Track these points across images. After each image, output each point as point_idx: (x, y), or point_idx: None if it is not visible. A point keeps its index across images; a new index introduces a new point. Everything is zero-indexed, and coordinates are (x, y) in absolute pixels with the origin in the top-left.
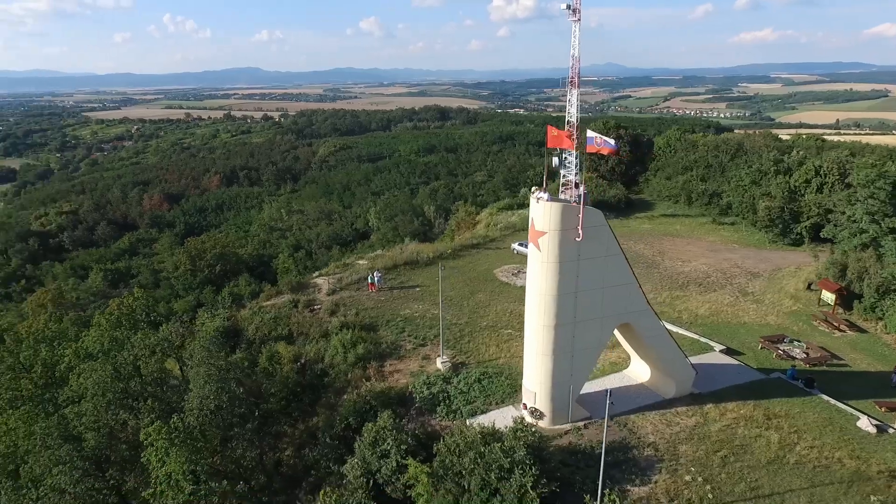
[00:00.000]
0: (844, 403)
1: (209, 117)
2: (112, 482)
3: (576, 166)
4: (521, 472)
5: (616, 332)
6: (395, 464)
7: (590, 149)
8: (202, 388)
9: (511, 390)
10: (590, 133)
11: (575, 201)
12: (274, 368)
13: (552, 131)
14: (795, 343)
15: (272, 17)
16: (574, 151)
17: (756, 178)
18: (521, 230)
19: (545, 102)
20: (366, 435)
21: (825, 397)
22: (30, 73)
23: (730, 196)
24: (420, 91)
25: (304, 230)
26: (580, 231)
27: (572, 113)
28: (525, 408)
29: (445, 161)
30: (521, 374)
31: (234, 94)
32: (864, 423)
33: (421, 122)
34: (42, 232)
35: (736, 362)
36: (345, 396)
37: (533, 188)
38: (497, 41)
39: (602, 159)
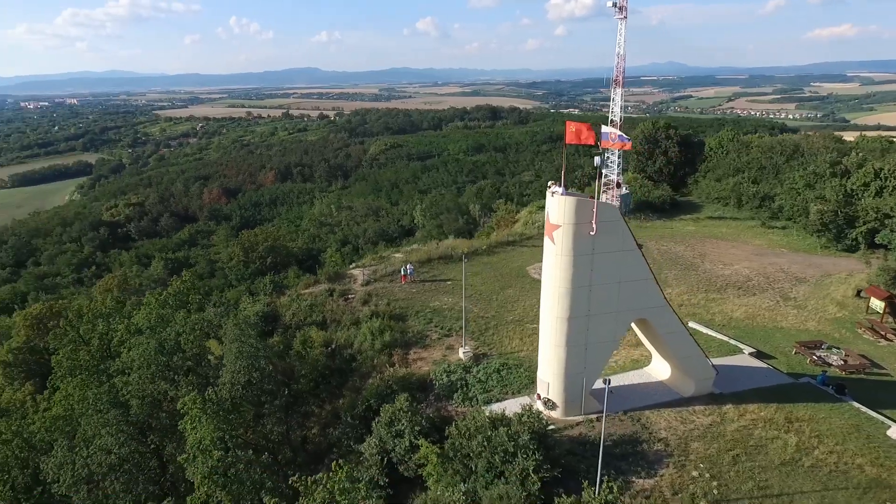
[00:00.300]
0: (878, 412)
1: (268, 116)
2: (153, 447)
3: (618, 166)
4: (525, 456)
5: (637, 329)
6: (408, 443)
7: (604, 144)
8: (233, 363)
9: (529, 381)
10: (604, 129)
11: (626, 191)
12: (306, 352)
13: (570, 126)
14: (834, 350)
15: (331, 18)
16: (617, 151)
17: (811, 181)
18: None
19: (601, 102)
20: (383, 415)
21: (856, 404)
22: (108, 73)
23: (782, 199)
24: (474, 91)
25: (352, 226)
26: (594, 225)
27: (616, 112)
28: (539, 398)
29: (493, 160)
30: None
31: (294, 93)
32: (894, 432)
33: (472, 121)
34: (112, 222)
35: (765, 366)
36: (369, 380)
37: (550, 182)
38: (554, 40)
39: (649, 160)
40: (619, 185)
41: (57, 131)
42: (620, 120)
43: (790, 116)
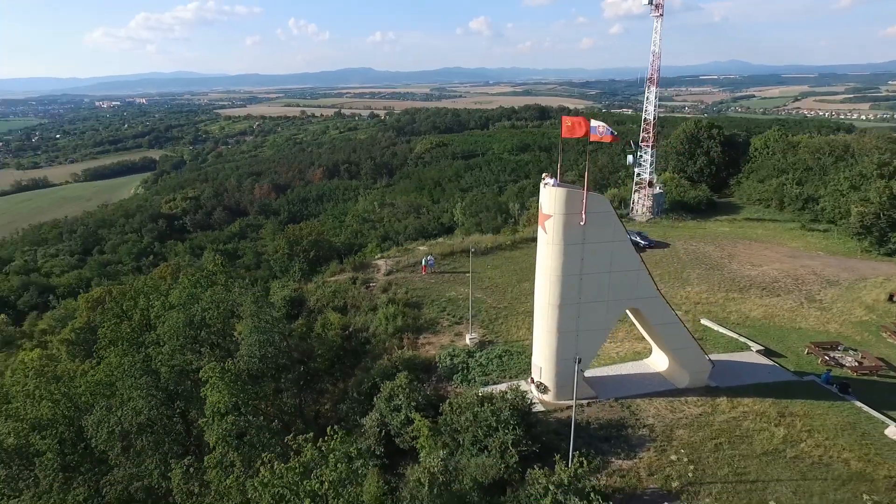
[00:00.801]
0: (882, 412)
1: (321, 115)
2: (179, 411)
3: (651, 165)
4: (505, 430)
5: (635, 321)
6: (404, 417)
7: (593, 138)
8: (249, 337)
9: (527, 367)
10: (593, 123)
11: (659, 190)
12: (324, 333)
13: (566, 122)
14: (850, 351)
15: (386, 18)
16: (650, 150)
17: (856, 182)
18: None
19: (657, 102)
20: (383, 391)
21: (859, 404)
22: (175, 74)
23: (826, 201)
24: (525, 90)
25: (394, 222)
26: (583, 215)
27: (649, 110)
28: (532, 381)
29: (537, 159)
30: None
31: (347, 92)
32: (892, 431)
33: (519, 120)
34: (169, 214)
35: (770, 363)
36: (379, 361)
37: (543, 174)
38: (609, 38)
39: (690, 160)
40: (651, 185)
41: (126, 129)
42: (654, 119)
43: (862, 117)
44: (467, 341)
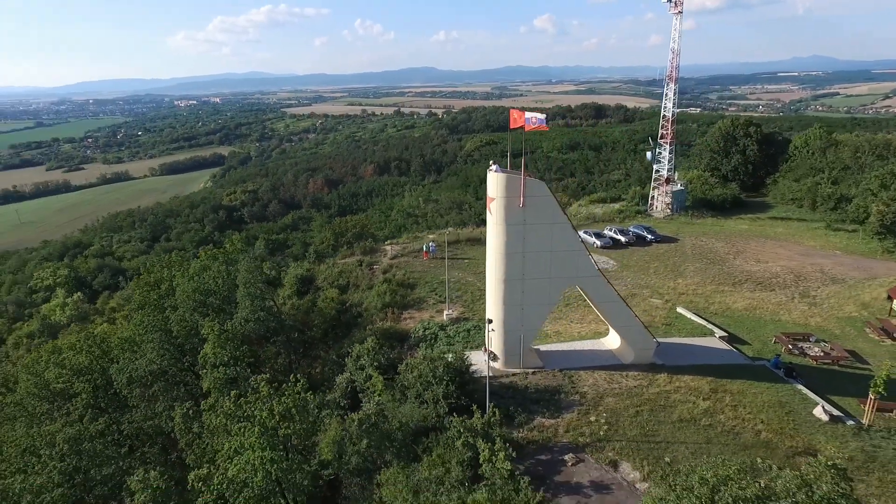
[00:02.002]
0: (822, 396)
1: (381, 113)
2: (187, 364)
3: (669, 161)
4: (438, 385)
5: (589, 302)
6: (366, 375)
7: (528, 128)
8: (243, 300)
9: None
10: (527, 114)
11: (680, 187)
12: (323, 306)
13: (513, 114)
14: (821, 343)
15: (450, 18)
16: (669, 147)
17: (886, 181)
18: (600, 221)
19: (728, 101)
20: (352, 353)
21: (799, 386)
22: (247, 74)
23: (856, 201)
24: (588, 89)
25: (436, 218)
26: (521, 199)
27: (668, 107)
28: (485, 350)
29: (584, 158)
30: None
31: (409, 91)
32: (819, 411)
33: (574, 119)
34: (229, 206)
35: (728, 348)
36: (361, 331)
37: (491, 162)
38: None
39: (725, 158)
40: (668, 181)
41: (200, 127)
42: (673, 115)
43: None
44: (444, 317)
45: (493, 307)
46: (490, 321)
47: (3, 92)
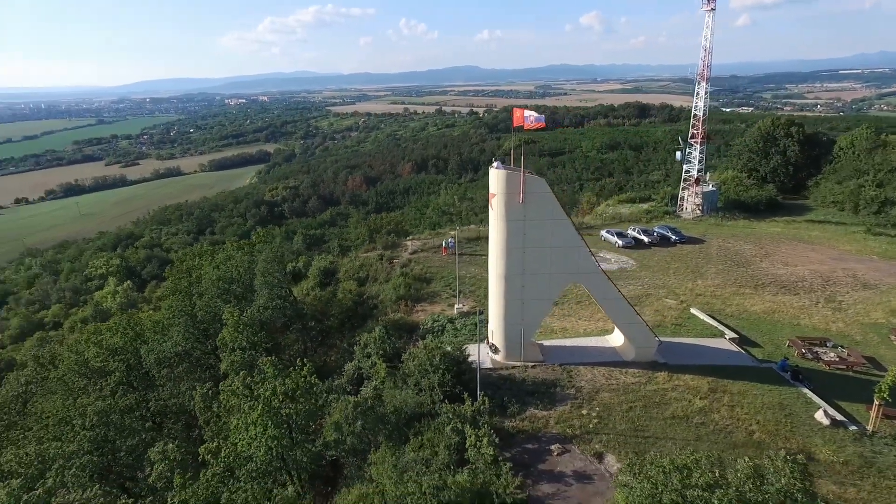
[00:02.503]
0: (828, 401)
1: (423, 112)
2: (210, 347)
3: (699, 161)
4: (434, 373)
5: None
6: (371, 363)
7: (527, 126)
8: (261, 289)
9: None
10: (525, 112)
11: (712, 188)
12: (343, 298)
13: (516, 113)
14: (839, 348)
15: (495, 17)
16: (699, 146)
17: None
18: (626, 221)
19: (784, 100)
20: (360, 342)
21: (805, 390)
22: (295, 73)
23: None
24: (634, 87)
25: (470, 216)
26: (521, 195)
27: (699, 106)
28: (487, 343)
29: (624, 158)
30: None
31: (451, 90)
32: (820, 415)
33: (616, 118)
34: (271, 201)
35: (736, 349)
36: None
37: (493, 158)
38: (733, 32)
39: (764, 158)
40: (698, 182)
41: (248, 124)
42: (704, 115)
43: None
44: (455, 310)
45: (495, 301)
46: (481, 312)
47: (69, 91)
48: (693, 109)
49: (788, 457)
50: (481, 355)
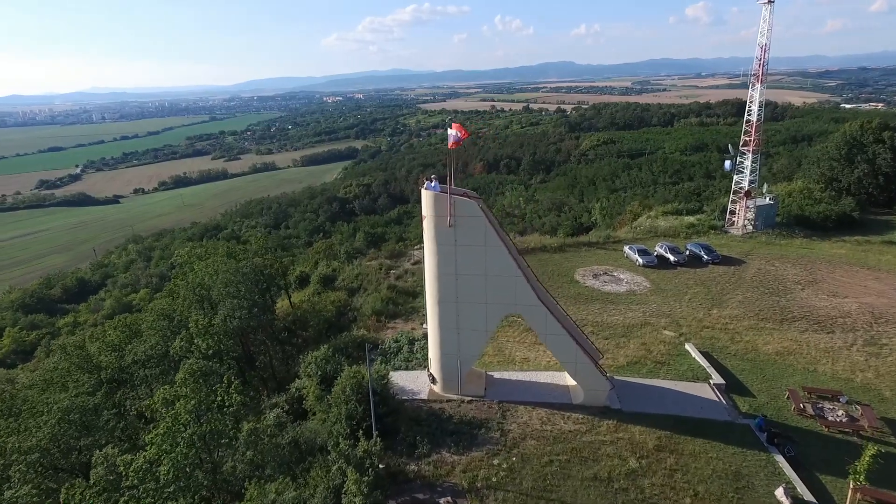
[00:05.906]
0: (806, 473)
1: (510, 109)
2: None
3: (751, 172)
4: (346, 403)
5: None
6: (303, 384)
7: (452, 145)
8: (224, 301)
9: None
10: (450, 132)
11: (769, 201)
12: (323, 308)
13: (450, 131)
14: (853, 406)
15: (593, 10)
16: (751, 155)
17: None
18: (661, 235)
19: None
20: (305, 360)
21: (778, 458)
22: (390, 71)
23: None
24: (742, 83)
25: (534, 219)
26: (449, 218)
27: (753, 111)
28: (427, 371)
29: (706, 161)
30: None
31: (544, 87)
32: (780, 493)
33: (710, 117)
34: (343, 198)
35: (716, 399)
36: (340, 335)
37: (430, 175)
38: (864, 19)
39: (848, 168)
40: (748, 195)
41: (341, 121)
42: (759, 119)
43: None
44: (421, 330)
45: (431, 328)
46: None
47: (188, 90)
48: (745, 114)
49: None
50: (416, 384)
